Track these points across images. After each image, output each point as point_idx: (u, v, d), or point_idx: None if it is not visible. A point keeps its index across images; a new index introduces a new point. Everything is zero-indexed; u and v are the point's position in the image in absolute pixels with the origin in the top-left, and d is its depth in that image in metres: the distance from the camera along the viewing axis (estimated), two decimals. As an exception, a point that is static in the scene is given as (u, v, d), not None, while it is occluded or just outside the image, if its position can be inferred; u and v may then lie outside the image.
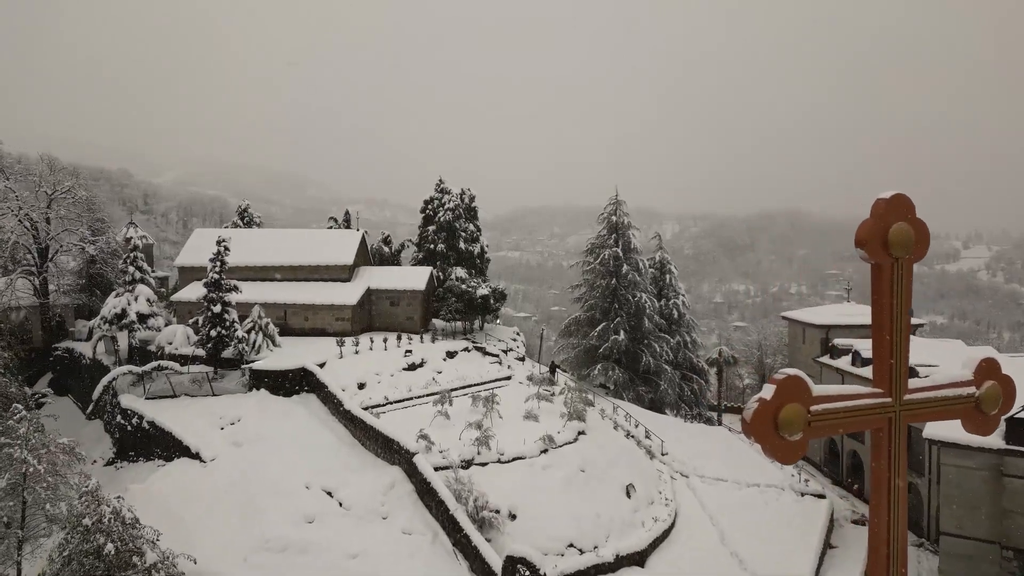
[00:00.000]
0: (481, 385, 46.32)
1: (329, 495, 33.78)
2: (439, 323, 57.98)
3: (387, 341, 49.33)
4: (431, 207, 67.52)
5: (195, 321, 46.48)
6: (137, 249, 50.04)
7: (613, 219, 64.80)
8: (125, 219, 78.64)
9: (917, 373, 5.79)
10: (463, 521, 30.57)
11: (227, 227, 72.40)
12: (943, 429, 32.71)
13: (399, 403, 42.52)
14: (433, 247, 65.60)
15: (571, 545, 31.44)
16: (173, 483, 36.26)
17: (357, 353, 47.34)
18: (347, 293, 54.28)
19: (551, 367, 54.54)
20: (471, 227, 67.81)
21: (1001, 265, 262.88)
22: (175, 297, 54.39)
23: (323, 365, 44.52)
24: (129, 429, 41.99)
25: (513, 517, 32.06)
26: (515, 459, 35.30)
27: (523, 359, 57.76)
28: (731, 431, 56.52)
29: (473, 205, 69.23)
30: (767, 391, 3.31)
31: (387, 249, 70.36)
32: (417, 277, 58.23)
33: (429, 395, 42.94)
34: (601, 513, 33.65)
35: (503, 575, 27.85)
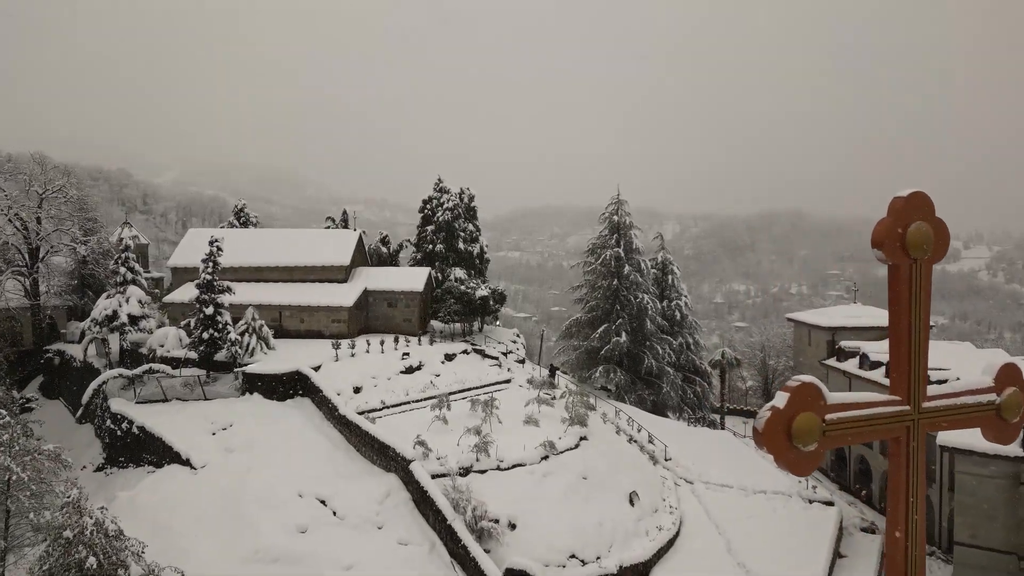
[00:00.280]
0: (480, 389, 45.27)
1: (323, 504, 32.71)
2: (437, 325, 56.89)
3: (384, 343, 48.27)
4: (430, 207, 66.43)
5: (187, 323, 45.41)
6: (128, 249, 48.96)
7: (615, 219, 63.73)
8: (123, 219, 77.75)
9: (929, 378, 5.21)
10: (461, 532, 29.53)
11: (223, 227, 71.36)
12: (957, 435, 31.65)
13: (396, 407, 41.47)
14: (432, 247, 64.51)
15: (573, 556, 30.41)
16: (162, 491, 35.16)
17: (353, 356, 46.28)
18: (343, 294, 53.22)
19: (550, 370, 53.50)
20: (470, 227, 66.74)
21: (1002, 265, 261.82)
22: (168, 298, 53.34)
23: (318, 368, 43.46)
24: (119, 434, 40.91)
25: (513, 527, 31.01)
26: (515, 466, 34.24)
27: (523, 361, 56.72)
28: (735, 435, 55.53)
29: (472, 205, 68.18)
30: (780, 399, 3.18)
31: (385, 249, 69.27)
32: (415, 278, 57.18)
33: (427, 399, 41.88)
34: (604, 522, 32.60)
35: (502, 589, 26.81)
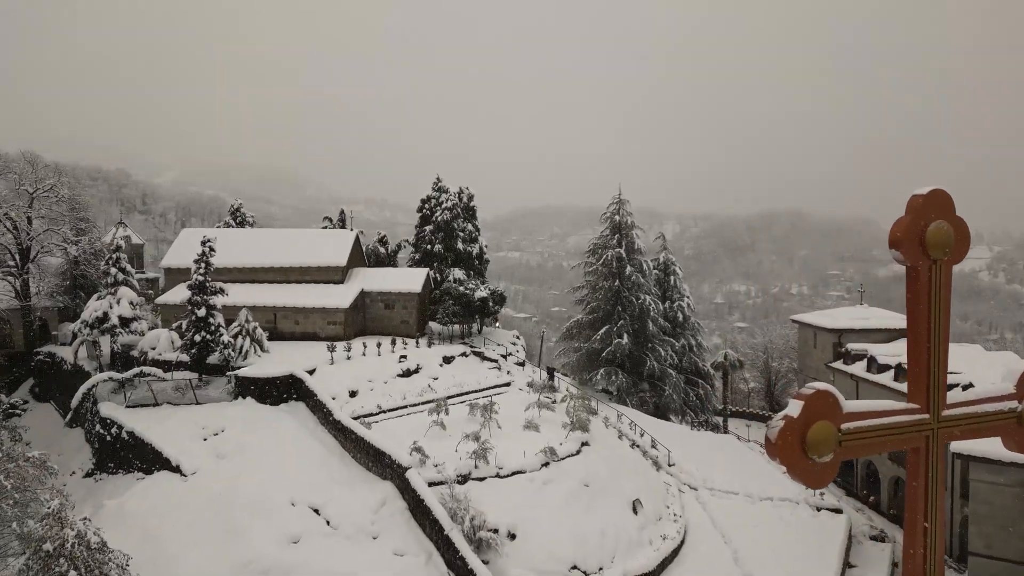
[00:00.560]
0: (479, 392, 44.25)
1: (316, 512, 31.63)
2: (436, 326, 55.83)
3: (381, 346, 47.23)
4: (428, 206, 65.42)
5: (179, 325, 44.37)
6: (120, 250, 47.92)
7: (616, 219, 62.69)
8: (120, 219, 76.63)
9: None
10: (459, 542, 28.47)
11: (219, 227, 70.38)
12: (971, 441, 30.57)
13: (392, 412, 40.45)
14: (430, 247, 63.48)
15: (574, 567, 29.39)
16: (151, 498, 34.12)
17: (349, 359, 45.24)
18: (340, 296, 52.18)
19: (548, 372, 52.50)
20: (469, 227, 65.77)
21: (1003, 266, 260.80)
22: (160, 300, 52.28)
23: (313, 372, 42.43)
24: (108, 439, 39.85)
25: (512, 537, 29.97)
26: (515, 473, 33.19)
27: (523, 364, 55.68)
28: (739, 439, 54.52)
29: (472, 204, 67.20)
30: (793, 408, 3.05)
31: (383, 250, 68.26)
32: (413, 279, 56.14)
33: (424, 403, 40.84)
34: (606, 531, 31.57)
35: (502, 603, 25.78)
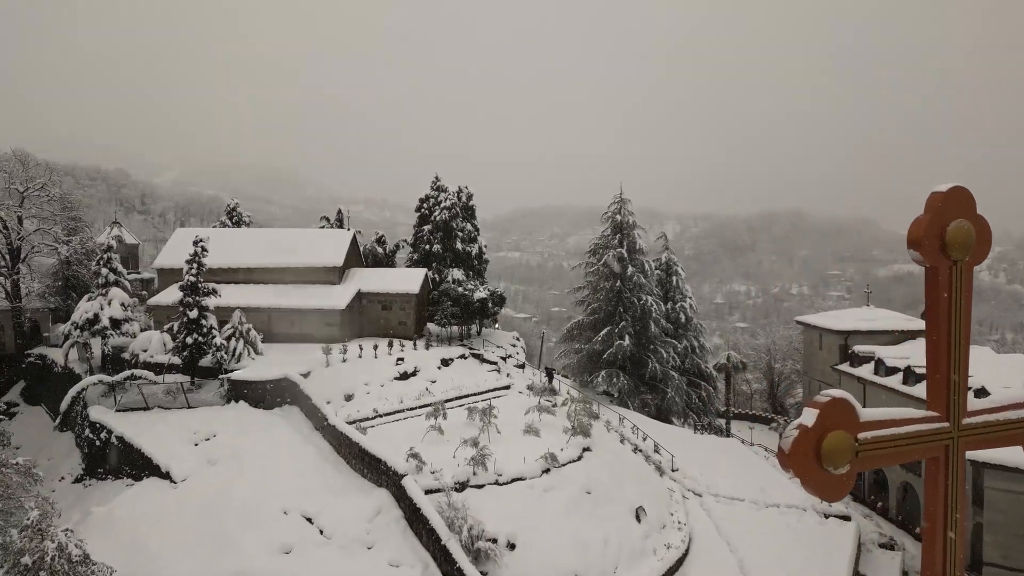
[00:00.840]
0: (478, 395, 43.29)
1: (309, 521, 30.64)
2: (434, 328, 54.82)
3: (377, 348, 46.22)
4: (427, 206, 64.38)
5: (170, 327, 43.37)
6: (111, 250, 46.87)
7: (617, 218, 61.68)
8: (121, 219, 75.61)
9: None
10: (456, 553, 27.48)
11: (215, 227, 69.36)
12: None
13: (389, 416, 39.48)
14: (429, 247, 62.44)
15: (576, 578, 28.37)
16: (140, 505, 33.11)
17: (345, 361, 44.24)
18: (336, 296, 51.17)
19: (547, 373, 51.53)
20: (469, 227, 64.76)
21: (1003, 266, 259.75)
22: (153, 301, 51.26)
23: (308, 375, 41.41)
24: (98, 444, 38.83)
25: (512, 547, 28.98)
26: (514, 480, 32.21)
27: (523, 366, 54.68)
28: (743, 443, 53.55)
29: (471, 204, 66.19)
30: (808, 417, 2.92)
31: (381, 250, 67.21)
32: (411, 279, 55.11)
33: (422, 407, 39.86)
34: (609, 540, 30.58)
35: (501, 617, 24.77)
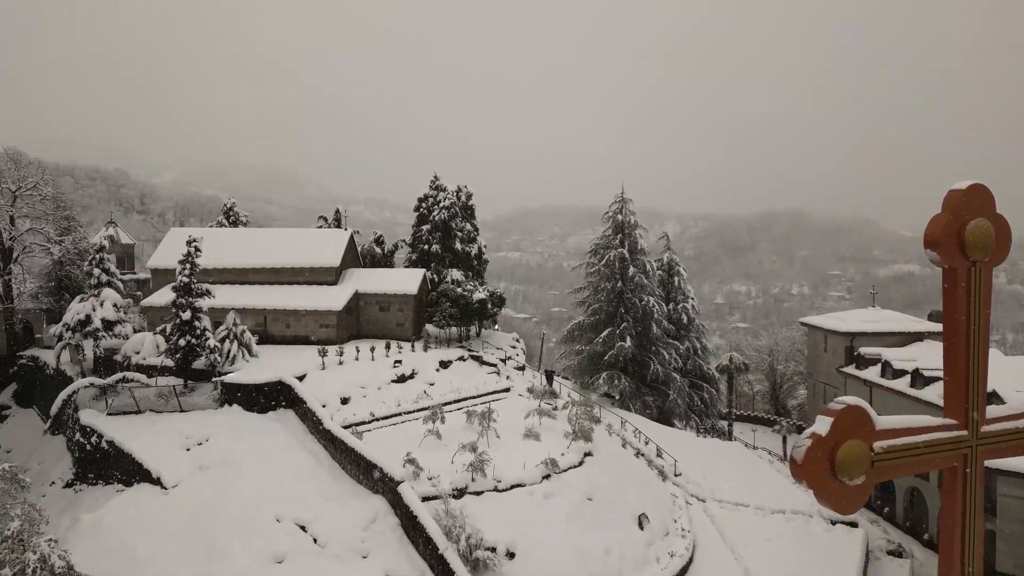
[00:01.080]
0: (477, 399, 42.45)
1: (303, 529, 29.78)
2: (432, 329, 53.95)
3: (375, 350, 45.36)
4: (425, 205, 63.49)
5: (162, 329, 42.53)
6: (103, 250, 46.04)
7: (619, 218, 60.90)
8: (120, 219, 74.85)
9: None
10: (454, 562, 26.64)
11: (212, 226, 68.52)
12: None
13: (386, 420, 38.65)
14: (427, 248, 61.57)
15: (578, 588, 27.54)
16: (130, 512, 32.27)
17: (341, 363, 43.38)
18: (333, 297, 50.32)
19: (547, 376, 50.70)
20: (468, 226, 63.90)
21: (1004, 266, 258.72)
22: (146, 302, 50.38)
23: (303, 377, 40.57)
24: (88, 448, 37.99)
25: (511, 556, 28.17)
26: (514, 486, 31.39)
27: (523, 368, 53.83)
28: (746, 446, 52.73)
29: (470, 203, 65.34)
30: (821, 425, 2.79)
31: (379, 250, 66.31)
32: (409, 280, 54.26)
33: (419, 410, 39.01)
34: (611, 548, 29.75)
35: (499, 630, 23.95)
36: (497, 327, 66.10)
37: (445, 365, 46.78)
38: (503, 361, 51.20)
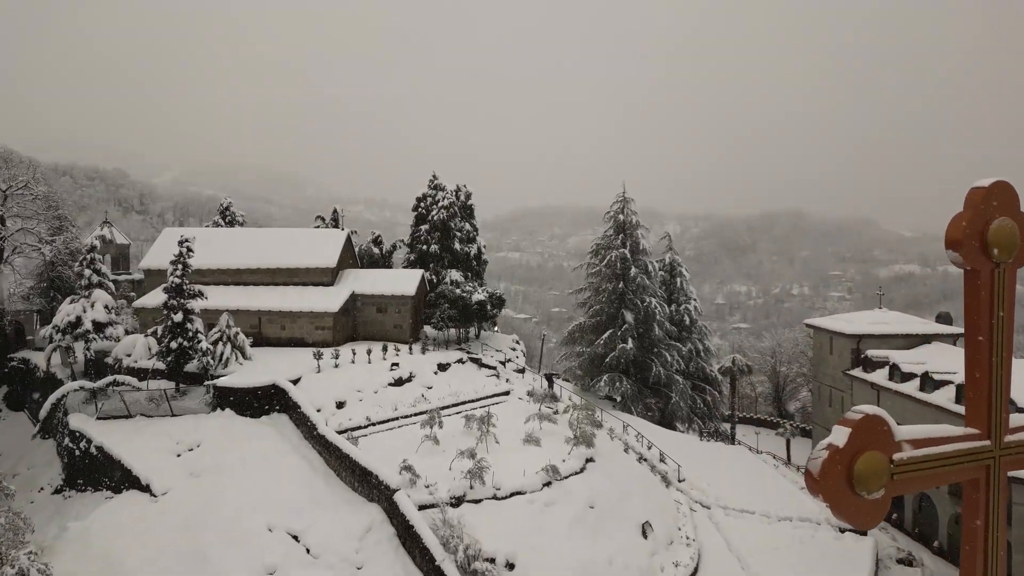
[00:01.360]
0: (476, 402, 41.59)
1: (295, 539, 28.86)
2: (431, 331, 53.02)
3: (371, 352, 44.39)
4: (424, 205, 62.52)
5: (154, 331, 41.58)
6: (94, 250, 45.07)
7: (620, 217, 59.92)
8: (119, 219, 73.93)
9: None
10: (451, 574, 25.73)
11: (208, 226, 67.57)
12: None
13: (383, 424, 37.77)
14: (426, 248, 60.60)
15: (580, 601, 26.64)
16: (118, 521, 31.29)
17: (337, 366, 42.41)
18: (329, 299, 49.35)
19: (547, 378, 49.75)
20: (467, 226, 62.95)
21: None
22: (139, 303, 49.39)
23: (298, 381, 39.63)
24: (77, 454, 37.04)
25: (511, 567, 27.26)
26: (514, 494, 30.52)
27: (523, 371, 52.93)
28: (751, 450, 51.83)
29: (470, 203, 64.40)
30: (838, 436, 2.66)
31: (377, 250, 65.33)
32: (407, 281, 53.28)
33: (417, 415, 38.13)
34: (614, 559, 28.88)
35: (499, 646, 23.02)
36: (496, 328, 65.14)
37: (443, 368, 45.85)
38: (503, 363, 50.28)
